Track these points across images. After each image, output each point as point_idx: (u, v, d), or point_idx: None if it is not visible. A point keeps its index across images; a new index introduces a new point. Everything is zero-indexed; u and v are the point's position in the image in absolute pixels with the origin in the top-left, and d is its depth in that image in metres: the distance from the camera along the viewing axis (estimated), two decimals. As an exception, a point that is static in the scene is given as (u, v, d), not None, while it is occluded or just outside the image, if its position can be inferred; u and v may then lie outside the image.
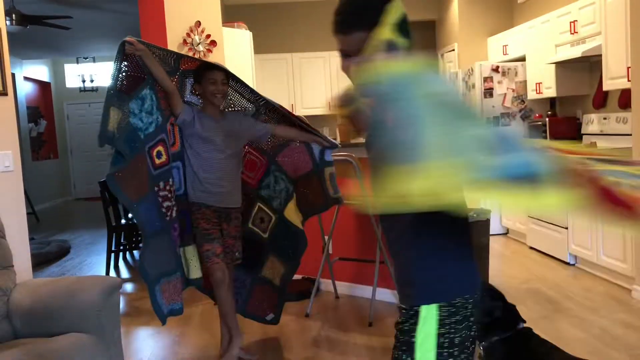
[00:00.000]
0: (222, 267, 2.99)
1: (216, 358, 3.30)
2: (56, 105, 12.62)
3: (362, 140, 1.60)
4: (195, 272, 3.13)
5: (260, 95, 3.22)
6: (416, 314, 1.33)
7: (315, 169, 3.29)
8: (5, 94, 3.64)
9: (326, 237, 4.12)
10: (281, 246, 3.37)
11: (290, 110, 3.37)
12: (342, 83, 7.89)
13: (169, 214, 2.91)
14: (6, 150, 3.66)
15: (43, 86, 12.25)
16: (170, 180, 2.98)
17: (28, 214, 9.39)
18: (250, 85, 6.11)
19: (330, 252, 4.26)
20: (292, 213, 3.36)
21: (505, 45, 6.59)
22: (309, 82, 7.89)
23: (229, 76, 3.07)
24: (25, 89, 11.28)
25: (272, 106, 3.20)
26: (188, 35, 5.05)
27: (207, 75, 2.97)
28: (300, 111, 7.66)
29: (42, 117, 12.11)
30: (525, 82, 6.12)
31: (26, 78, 11.30)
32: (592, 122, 5.30)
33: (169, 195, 2.94)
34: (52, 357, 2.17)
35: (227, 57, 5.43)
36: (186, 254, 3.11)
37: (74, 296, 2.42)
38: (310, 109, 7.76)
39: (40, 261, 6.03)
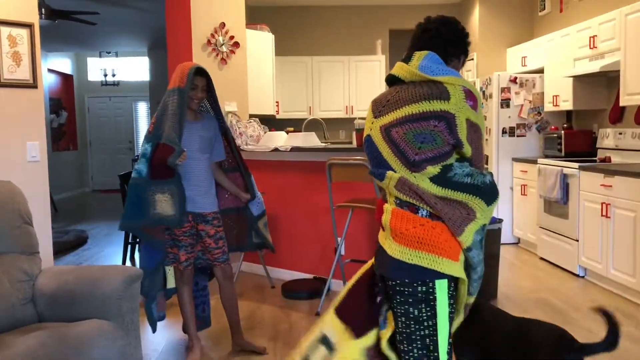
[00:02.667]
0: (182, 273, 3.21)
1: (227, 345, 3.43)
2: (78, 98, 12.85)
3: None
4: (172, 282, 3.36)
5: (224, 121, 3.37)
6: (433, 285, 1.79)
7: (247, 215, 3.46)
8: (35, 87, 3.78)
9: (339, 239, 4.20)
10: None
11: (308, 114, 3.51)
12: (360, 87, 7.98)
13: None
14: (34, 141, 3.79)
15: (66, 78, 12.48)
16: None
17: (47, 203, 9.57)
18: (270, 87, 6.24)
19: (343, 253, 4.34)
20: None
21: (524, 57, 6.63)
22: (327, 86, 7.99)
23: (210, 86, 3.20)
24: (49, 81, 11.50)
25: (228, 137, 3.38)
26: (212, 36, 5.16)
27: (193, 81, 3.07)
28: (318, 114, 7.77)
29: (63, 109, 12.33)
30: (542, 94, 6.16)
31: (50, 70, 11.52)
32: (608, 137, 5.33)
33: None
34: (73, 340, 2.27)
35: (249, 58, 5.54)
36: (165, 268, 3.34)
37: (97, 283, 2.52)
38: (327, 112, 7.87)
39: (59, 249, 6.18)
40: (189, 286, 3.27)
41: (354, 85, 7.97)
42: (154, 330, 3.26)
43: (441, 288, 1.79)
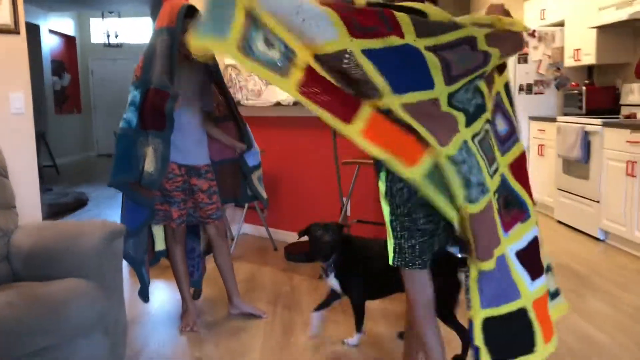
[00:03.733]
0: (175, 231, 2.96)
1: (223, 309, 3.22)
2: (81, 60, 12.55)
3: None
4: (161, 244, 3.11)
5: (217, 67, 3.06)
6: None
7: (242, 165, 3.21)
8: (17, 33, 3.50)
9: (344, 199, 3.95)
10: None
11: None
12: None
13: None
14: (17, 92, 3.53)
15: (68, 40, 12.16)
16: None
17: (48, 166, 9.47)
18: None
19: (349, 214, 4.09)
20: None
21: (543, 10, 6.24)
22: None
23: None
24: (50, 43, 11.20)
25: (221, 84, 3.08)
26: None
27: (184, 25, 2.69)
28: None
29: (66, 71, 12.05)
30: (562, 48, 5.79)
31: (51, 31, 11.20)
32: (633, 93, 4.98)
33: None
34: (47, 300, 2.05)
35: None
36: (152, 228, 3.07)
37: (75, 240, 2.29)
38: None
39: (57, 211, 6.00)
40: (182, 245, 3.04)
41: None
42: (146, 300, 3.01)
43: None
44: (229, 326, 3.03)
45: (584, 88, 5.37)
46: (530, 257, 1.87)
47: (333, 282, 2.73)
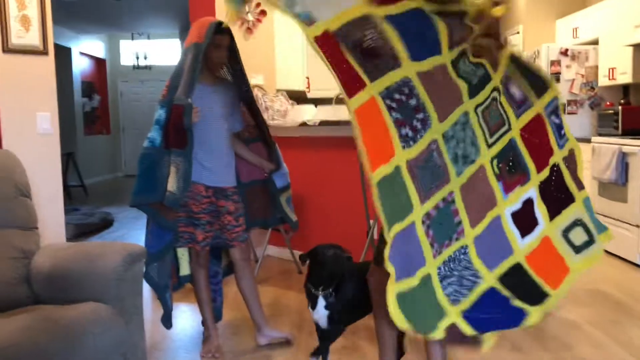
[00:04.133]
0: (199, 254, 2.87)
1: (246, 335, 3.11)
2: (110, 82, 12.75)
3: None
4: (185, 269, 3.01)
5: (248, 83, 2.97)
6: None
7: (270, 187, 3.09)
8: (46, 54, 3.52)
9: (371, 221, 3.84)
10: None
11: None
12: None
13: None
14: (45, 112, 3.54)
15: (98, 62, 12.38)
16: None
17: (77, 186, 9.55)
18: (301, 61, 5.89)
19: (375, 236, 3.98)
20: None
21: (576, 28, 6.10)
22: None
23: (234, 47, 2.81)
24: (81, 65, 11.41)
25: (251, 100, 3.00)
26: (237, 3, 4.84)
27: (213, 39, 2.67)
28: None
29: (96, 93, 12.25)
30: (596, 67, 5.63)
31: (82, 53, 11.42)
32: (672, 112, 4.80)
33: None
34: (64, 325, 1.99)
35: (277, 29, 5.20)
36: (177, 251, 2.97)
37: (95, 262, 2.23)
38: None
39: (83, 231, 6.01)
40: (206, 269, 2.94)
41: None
42: (168, 326, 2.87)
43: None
44: (253, 352, 2.93)
45: (619, 108, 5.19)
46: (523, 217, 2.01)
47: (321, 314, 2.52)
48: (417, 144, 1.81)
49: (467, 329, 1.81)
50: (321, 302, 2.49)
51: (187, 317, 3.49)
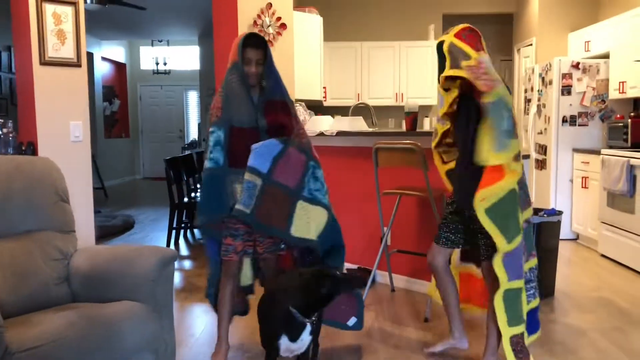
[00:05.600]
0: (230, 266, 2.84)
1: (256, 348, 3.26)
2: (130, 86, 13.04)
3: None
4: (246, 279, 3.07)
5: (293, 103, 2.93)
6: None
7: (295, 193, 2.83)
8: (79, 66, 3.74)
9: (385, 228, 4.01)
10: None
11: (357, 101, 3.18)
12: (410, 74, 7.70)
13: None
14: (77, 121, 3.75)
15: (119, 67, 12.68)
16: None
17: (97, 188, 9.82)
18: (318, 72, 6.07)
19: (389, 243, 4.14)
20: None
21: (588, 42, 6.23)
22: (377, 72, 7.74)
23: (268, 57, 2.76)
24: (102, 69, 11.70)
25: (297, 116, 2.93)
26: (259, 17, 5.03)
27: (243, 54, 2.70)
28: (366, 101, 7.55)
29: (116, 97, 12.54)
30: (607, 80, 5.75)
31: (104, 58, 11.71)
32: (681, 126, 4.91)
33: None
34: (102, 321, 2.17)
35: (296, 42, 5.39)
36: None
37: (131, 264, 2.42)
38: (377, 99, 7.62)
39: (106, 233, 6.22)
40: (235, 280, 2.90)
41: (404, 71, 7.69)
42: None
43: None
44: None
45: (629, 120, 5.31)
46: None
47: (305, 341, 2.44)
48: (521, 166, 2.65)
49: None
50: (307, 330, 2.41)
51: (211, 317, 3.67)
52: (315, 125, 4.60)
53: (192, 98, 13.29)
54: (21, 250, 2.46)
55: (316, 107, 6.58)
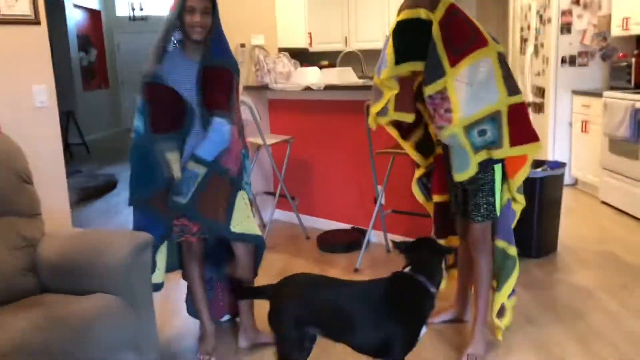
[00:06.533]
0: (190, 247, 2.59)
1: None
2: (106, 35, 12.43)
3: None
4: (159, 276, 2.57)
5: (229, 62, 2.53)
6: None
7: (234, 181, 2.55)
8: (38, 23, 3.38)
9: (379, 187, 3.78)
10: None
11: (344, 46, 2.91)
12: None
13: None
14: (40, 85, 3.43)
15: (93, 14, 12.02)
16: None
17: (78, 144, 9.45)
18: (302, 16, 5.67)
19: (383, 203, 3.93)
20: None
21: (589, -26, 5.83)
22: (365, 13, 7.26)
23: (216, 8, 2.41)
24: (75, 17, 11.08)
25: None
26: (235, -42, 4.61)
27: (185, 4, 2.37)
28: (355, 45, 7.14)
29: (92, 46, 11.96)
30: (609, 16, 5.42)
31: (76, 6, 11.07)
32: (688, 65, 4.64)
33: None
34: (73, 320, 1.96)
35: (277, -15, 4.99)
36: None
37: (101, 253, 2.19)
38: (366, 42, 7.18)
39: (87, 195, 5.97)
40: (200, 263, 2.66)
41: (394, 10, 7.25)
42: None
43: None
44: (252, 353, 2.71)
45: (633, 60, 5.03)
46: None
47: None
48: None
49: None
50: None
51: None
52: (301, 78, 4.29)
53: (173, 44, 12.72)
54: (-21, 242, 2.22)
55: (301, 55, 6.20)
